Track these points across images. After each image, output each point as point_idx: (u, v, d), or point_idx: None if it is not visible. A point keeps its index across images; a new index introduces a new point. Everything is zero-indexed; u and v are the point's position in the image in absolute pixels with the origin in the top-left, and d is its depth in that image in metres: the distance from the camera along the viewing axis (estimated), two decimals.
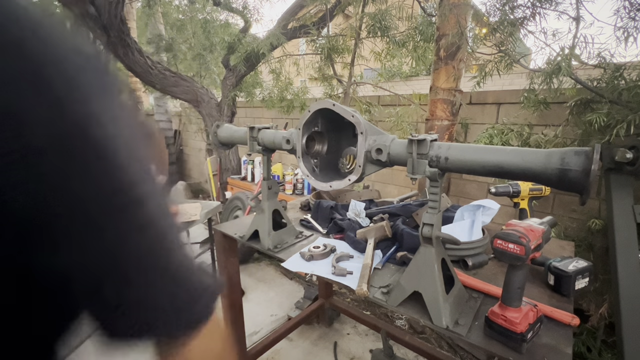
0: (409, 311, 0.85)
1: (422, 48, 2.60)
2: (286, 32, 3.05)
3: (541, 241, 0.71)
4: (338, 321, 2.34)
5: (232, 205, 3.12)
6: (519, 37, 1.73)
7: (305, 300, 2.41)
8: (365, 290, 0.90)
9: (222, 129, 1.37)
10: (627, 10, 1.41)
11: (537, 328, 0.75)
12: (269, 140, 1.16)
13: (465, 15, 1.89)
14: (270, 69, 3.27)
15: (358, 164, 0.87)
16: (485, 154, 0.69)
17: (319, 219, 1.49)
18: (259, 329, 2.26)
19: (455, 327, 0.78)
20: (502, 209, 1.24)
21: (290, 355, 2.02)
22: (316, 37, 2.95)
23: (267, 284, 2.83)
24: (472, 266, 1.04)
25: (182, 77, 3.55)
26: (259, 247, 1.26)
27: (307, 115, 0.96)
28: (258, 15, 3.66)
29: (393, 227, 1.21)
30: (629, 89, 1.44)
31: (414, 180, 0.80)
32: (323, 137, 1.03)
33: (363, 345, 2.11)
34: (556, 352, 0.71)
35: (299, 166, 1.01)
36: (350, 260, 1.14)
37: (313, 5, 3.02)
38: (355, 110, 0.87)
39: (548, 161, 0.61)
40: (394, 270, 1.06)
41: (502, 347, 0.72)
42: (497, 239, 0.70)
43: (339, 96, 2.95)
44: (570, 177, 0.59)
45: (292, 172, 2.93)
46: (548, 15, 1.60)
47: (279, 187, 1.52)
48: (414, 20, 2.55)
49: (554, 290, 0.93)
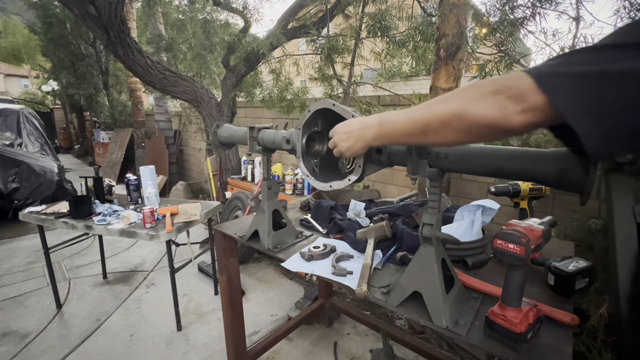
0: (409, 311, 0.85)
1: (422, 48, 2.59)
2: (286, 32, 3.05)
3: (541, 241, 0.71)
4: (338, 321, 2.34)
5: (232, 205, 3.12)
6: (519, 37, 1.73)
7: (305, 300, 2.41)
8: (365, 290, 0.90)
9: (222, 129, 1.37)
10: (627, 10, 1.41)
11: (537, 328, 0.75)
12: (269, 140, 1.16)
13: (465, 15, 1.89)
14: (270, 69, 3.27)
15: (358, 164, 0.87)
16: (485, 154, 0.69)
17: (319, 219, 1.49)
18: (259, 329, 2.26)
19: (455, 327, 0.78)
20: (502, 209, 1.24)
21: (290, 355, 2.02)
22: (316, 37, 2.94)
23: (267, 284, 2.83)
24: (472, 266, 1.04)
25: (182, 77, 3.55)
26: (259, 247, 1.26)
27: (307, 115, 0.96)
28: (258, 15, 3.66)
29: (393, 227, 1.21)
30: None
31: (414, 180, 0.80)
32: (323, 137, 1.03)
33: (363, 345, 2.11)
34: (556, 352, 0.71)
35: (299, 166, 1.01)
36: (350, 260, 1.14)
37: (313, 5, 3.02)
38: (355, 110, 0.87)
39: (548, 161, 0.61)
40: (394, 270, 1.06)
41: (502, 347, 0.72)
42: (497, 239, 0.70)
43: (339, 96, 2.95)
44: (570, 177, 0.59)
45: (292, 172, 2.93)
46: (548, 15, 1.60)
47: (279, 187, 1.52)
48: (414, 20, 2.55)
49: (554, 290, 0.93)
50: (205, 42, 4.32)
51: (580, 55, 0.45)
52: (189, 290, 2.73)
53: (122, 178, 6.18)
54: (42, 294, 2.68)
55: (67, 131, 12.56)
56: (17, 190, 4.20)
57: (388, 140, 0.71)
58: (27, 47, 17.62)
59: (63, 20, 7.88)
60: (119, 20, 2.79)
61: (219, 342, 2.11)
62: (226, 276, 1.47)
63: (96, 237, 3.29)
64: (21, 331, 2.24)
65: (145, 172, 2.37)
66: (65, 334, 2.21)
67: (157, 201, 2.37)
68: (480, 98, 0.52)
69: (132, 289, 2.77)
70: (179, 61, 4.97)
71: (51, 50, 8.43)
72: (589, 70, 0.43)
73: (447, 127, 0.57)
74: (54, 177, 4.50)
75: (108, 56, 8.20)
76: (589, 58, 0.44)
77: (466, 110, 0.53)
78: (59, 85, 10.18)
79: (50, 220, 2.19)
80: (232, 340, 1.56)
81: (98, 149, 8.35)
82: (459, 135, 0.57)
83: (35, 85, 16.87)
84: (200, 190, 5.74)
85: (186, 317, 2.37)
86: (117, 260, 3.32)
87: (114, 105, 8.09)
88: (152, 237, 1.96)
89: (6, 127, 5.07)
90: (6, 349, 2.07)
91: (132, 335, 2.20)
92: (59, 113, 13.49)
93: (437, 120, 0.58)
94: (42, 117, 7.88)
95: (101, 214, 2.21)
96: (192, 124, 5.73)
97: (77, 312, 2.45)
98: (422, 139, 0.63)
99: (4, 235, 3.98)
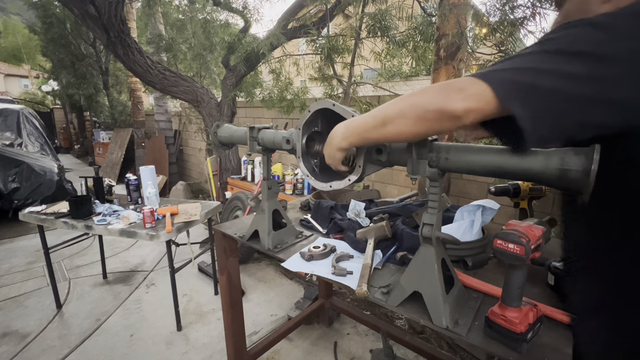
0: (409, 311, 0.85)
1: (422, 48, 2.59)
2: (286, 32, 3.05)
3: (541, 241, 0.71)
4: (338, 321, 2.34)
5: (232, 205, 3.12)
6: (519, 37, 1.73)
7: (305, 300, 2.41)
8: (365, 291, 0.90)
9: (222, 129, 1.37)
10: None
11: (537, 328, 0.75)
12: (269, 140, 1.16)
13: (465, 15, 1.89)
14: (270, 69, 3.27)
15: (358, 164, 0.87)
16: (485, 154, 0.69)
17: (319, 219, 1.49)
18: (259, 329, 2.26)
19: (455, 327, 0.78)
20: (502, 209, 1.24)
21: (290, 355, 2.02)
22: (316, 37, 2.94)
23: (267, 284, 2.83)
24: (471, 266, 1.04)
25: (182, 77, 3.55)
26: (259, 247, 1.26)
27: (307, 115, 0.96)
28: (258, 15, 3.66)
29: (393, 227, 1.21)
30: None
31: (414, 180, 0.80)
32: (323, 137, 1.03)
33: (363, 345, 2.11)
34: (556, 352, 0.71)
35: (299, 166, 1.01)
36: (350, 260, 1.14)
37: (313, 5, 3.02)
38: (355, 110, 0.87)
39: (548, 161, 0.61)
40: (394, 270, 1.06)
41: (502, 347, 0.72)
42: (497, 239, 0.70)
43: (339, 96, 2.95)
44: (570, 177, 0.59)
45: (292, 172, 2.93)
46: (548, 15, 1.60)
47: (279, 187, 1.52)
48: (414, 20, 2.55)
49: (554, 290, 0.93)
50: (205, 42, 4.32)
51: (516, 58, 0.54)
52: (189, 290, 2.73)
53: (122, 178, 6.18)
54: (42, 294, 2.68)
55: (67, 131, 12.57)
56: (17, 190, 4.20)
57: (354, 137, 0.77)
58: (27, 47, 17.62)
59: (63, 20, 7.88)
60: (119, 20, 2.79)
61: (219, 342, 2.11)
62: (226, 276, 1.47)
63: (96, 237, 3.29)
64: (21, 331, 2.24)
65: (145, 172, 2.37)
66: (65, 334, 2.21)
67: (157, 201, 2.37)
68: (430, 91, 0.61)
69: (132, 289, 2.77)
70: (179, 61, 4.97)
71: (51, 50, 8.43)
72: (523, 66, 0.52)
73: (402, 116, 0.65)
74: (54, 177, 4.50)
75: (108, 56, 8.20)
76: (523, 59, 0.52)
77: (419, 100, 0.63)
78: (59, 85, 10.18)
79: (50, 220, 2.19)
80: (232, 340, 1.56)
81: (98, 149, 8.35)
82: (412, 123, 0.64)
83: (35, 85, 16.88)
84: (200, 190, 5.74)
85: (186, 317, 2.37)
86: (117, 260, 3.32)
87: (114, 105, 8.10)
88: (152, 237, 1.96)
89: (6, 127, 5.07)
90: (6, 349, 2.07)
91: (132, 335, 2.21)
92: (59, 113, 13.49)
93: (394, 111, 0.67)
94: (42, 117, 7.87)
95: (101, 214, 2.21)
96: (192, 124, 5.73)
97: (77, 312, 2.45)
98: (382, 131, 0.70)
99: (4, 235, 3.98)
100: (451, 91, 0.57)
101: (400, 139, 0.71)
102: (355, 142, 0.78)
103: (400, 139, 0.71)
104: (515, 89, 0.51)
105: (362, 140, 0.77)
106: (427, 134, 0.65)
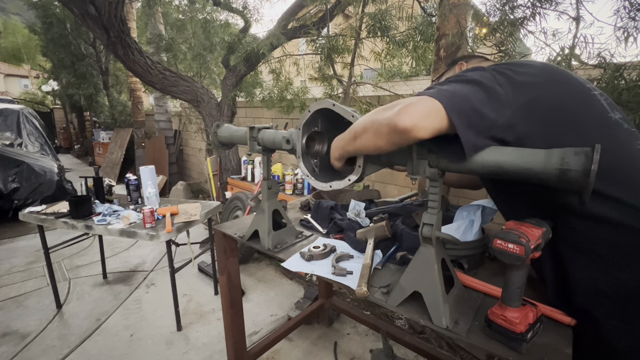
0: (409, 311, 0.85)
1: (422, 48, 2.59)
2: (286, 32, 3.05)
3: (541, 241, 0.70)
4: (338, 321, 2.34)
5: (232, 205, 3.12)
6: (519, 37, 1.73)
7: (305, 300, 2.41)
8: (365, 291, 0.90)
9: (222, 129, 1.37)
10: (627, 10, 1.41)
11: (537, 328, 0.75)
12: (269, 140, 1.16)
13: (465, 15, 1.89)
14: (270, 69, 3.27)
15: (358, 164, 0.87)
16: (484, 153, 0.69)
17: (319, 219, 1.49)
18: (259, 329, 2.26)
19: (455, 327, 0.78)
20: None
21: (290, 355, 2.02)
22: (316, 37, 2.94)
23: (267, 284, 2.83)
24: (469, 267, 1.04)
25: (182, 77, 3.55)
26: (259, 247, 1.26)
27: (307, 115, 0.96)
28: (258, 15, 3.67)
29: (393, 227, 1.21)
30: (629, 89, 1.43)
31: (414, 180, 0.80)
32: (323, 137, 1.03)
33: (363, 345, 2.11)
34: (556, 352, 0.71)
35: (299, 166, 1.01)
36: (350, 260, 1.13)
37: (313, 5, 3.02)
38: (355, 110, 0.87)
39: (548, 161, 0.61)
40: (394, 270, 1.06)
41: (502, 347, 0.72)
42: (497, 239, 0.70)
43: (339, 96, 2.95)
44: (570, 177, 0.59)
45: (292, 172, 2.92)
46: (548, 15, 1.59)
47: (279, 187, 1.52)
48: (414, 20, 2.55)
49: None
50: (205, 42, 4.32)
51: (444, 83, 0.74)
52: (189, 290, 2.73)
53: (122, 178, 6.18)
54: (42, 294, 2.68)
55: (67, 131, 12.57)
56: (17, 190, 4.20)
57: (339, 151, 0.85)
58: (27, 47, 17.63)
59: (63, 20, 7.88)
60: (119, 20, 2.79)
61: (219, 342, 2.11)
62: (226, 276, 1.47)
63: (96, 237, 3.29)
64: (21, 331, 2.24)
65: (145, 172, 2.37)
66: (65, 334, 2.21)
67: (157, 201, 2.37)
68: (386, 109, 0.71)
69: (132, 289, 2.77)
70: (179, 61, 4.98)
71: (51, 50, 8.43)
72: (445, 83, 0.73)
73: (365, 131, 0.75)
74: (54, 177, 4.50)
75: (108, 56, 8.20)
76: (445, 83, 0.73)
77: (376, 117, 0.72)
78: (59, 85, 10.18)
79: (50, 220, 2.19)
80: (232, 340, 1.56)
81: (98, 149, 8.35)
82: (372, 137, 0.73)
83: (35, 85, 16.87)
84: (200, 190, 5.74)
85: (186, 317, 2.37)
86: (117, 260, 3.32)
87: (114, 105, 8.10)
88: (152, 237, 1.96)
89: (6, 127, 5.07)
90: (6, 349, 2.07)
91: (132, 335, 2.21)
92: (59, 113, 13.49)
93: (361, 127, 0.76)
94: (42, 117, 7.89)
95: (101, 214, 2.21)
96: (192, 124, 5.73)
97: (77, 312, 2.45)
98: (355, 144, 0.79)
99: (4, 235, 3.98)
100: (399, 106, 0.67)
101: (369, 151, 0.78)
102: (343, 154, 0.85)
103: (369, 152, 0.78)
104: (443, 94, 0.66)
105: (346, 153, 0.84)
106: (388, 147, 0.72)
